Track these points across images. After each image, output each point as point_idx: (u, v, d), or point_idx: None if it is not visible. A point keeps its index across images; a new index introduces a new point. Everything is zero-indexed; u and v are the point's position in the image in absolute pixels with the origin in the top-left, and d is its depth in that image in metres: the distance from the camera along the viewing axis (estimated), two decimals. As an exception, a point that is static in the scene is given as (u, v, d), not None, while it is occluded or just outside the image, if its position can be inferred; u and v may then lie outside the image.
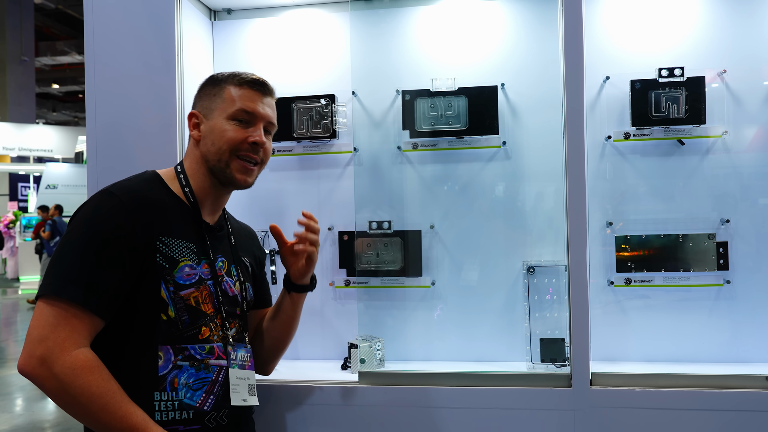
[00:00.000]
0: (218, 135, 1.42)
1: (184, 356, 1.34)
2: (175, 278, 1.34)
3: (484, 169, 2.04)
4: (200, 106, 1.47)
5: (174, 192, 1.43)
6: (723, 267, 1.91)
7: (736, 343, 1.92)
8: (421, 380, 1.77)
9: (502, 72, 2.02)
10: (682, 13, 1.97)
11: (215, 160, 1.42)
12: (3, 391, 5.12)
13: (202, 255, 1.41)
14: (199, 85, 1.51)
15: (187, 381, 1.33)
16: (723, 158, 1.93)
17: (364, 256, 2.05)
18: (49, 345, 1.20)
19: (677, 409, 1.65)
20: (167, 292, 1.33)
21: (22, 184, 17.39)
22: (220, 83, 1.46)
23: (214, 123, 1.43)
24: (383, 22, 2.09)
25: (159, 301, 1.32)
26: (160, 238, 1.33)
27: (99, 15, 1.91)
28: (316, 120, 2.08)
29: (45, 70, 22.30)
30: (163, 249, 1.34)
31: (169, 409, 1.31)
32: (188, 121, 1.47)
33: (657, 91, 1.91)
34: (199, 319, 1.37)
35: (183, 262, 1.36)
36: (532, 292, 1.94)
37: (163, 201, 1.39)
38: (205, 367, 1.37)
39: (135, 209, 1.31)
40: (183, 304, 1.35)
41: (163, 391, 1.31)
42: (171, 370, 1.32)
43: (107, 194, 1.33)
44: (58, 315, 1.22)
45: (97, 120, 1.91)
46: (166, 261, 1.33)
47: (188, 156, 1.48)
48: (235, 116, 1.43)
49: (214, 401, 1.37)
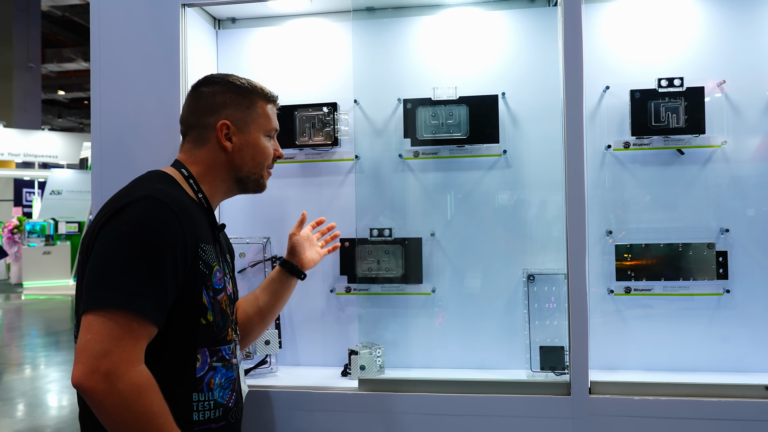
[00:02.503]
0: (260, 151, 1.50)
1: (218, 357, 1.37)
2: (213, 283, 1.36)
3: (485, 177, 2.05)
4: (230, 116, 1.45)
5: (191, 195, 1.42)
6: (722, 276, 1.91)
7: (735, 353, 1.92)
8: (421, 387, 1.78)
9: (502, 81, 2.04)
10: (682, 23, 1.98)
11: (251, 173, 1.50)
12: (4, 396, 5.12)
13: (220, 257, 1.44)
14: (212, 90, 1.47)
15: (220, 381, 1.37)
16: (722, 168, 1.94)
17: (365, 263, 2.06)
18: (114, 360, 1.14)
19: (676, 418, 1.65)
20: (208, 297, 1.34)
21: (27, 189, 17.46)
22: (249, 95, 1.48)
23: (252, 138, 1.48)
24: (385, 31, 2.11)
25: (200, 306, 1.33)
26: (200, 246, 1.33)
27: (105, 23, 1.94)
28: (319, 128, 2.10)
29: (51, 76, 22.46)
30: (203, 255, 1.34)
31: (206, 408, 1.34)
32: (218, 130, 1.44)
33: (656, 101, 1.92)
34: (227, 321, 1.41)
35: (215, 267, 1.38)
36: (532, 300, 1.95)
37: (193, 207, 1.38)
38: (230, 366, 1.41)
39: (183, 218, 1.28)
40: (219, 308, 1.38)
41: (200, 392, 1.33)
42: (207, 371, 1.35)
43: (154, 200, 1.27)
44: (122, 329, 1.17)
45: (102, 127, 1.93)
46: (205, 267, 1.34)
47: (200, 161, 1.45)
48: (269, 134, 1.53)
49: (236, 397, 1.42)
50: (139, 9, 1.92)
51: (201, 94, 1.48)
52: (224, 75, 1.51)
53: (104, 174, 1.91)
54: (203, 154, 1.46)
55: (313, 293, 2.15)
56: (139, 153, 1.90)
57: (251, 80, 1.52)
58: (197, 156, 1.46)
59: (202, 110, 1.46)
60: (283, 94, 2.16)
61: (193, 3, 1.94)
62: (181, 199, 1.33)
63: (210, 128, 1.45)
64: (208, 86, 1.48)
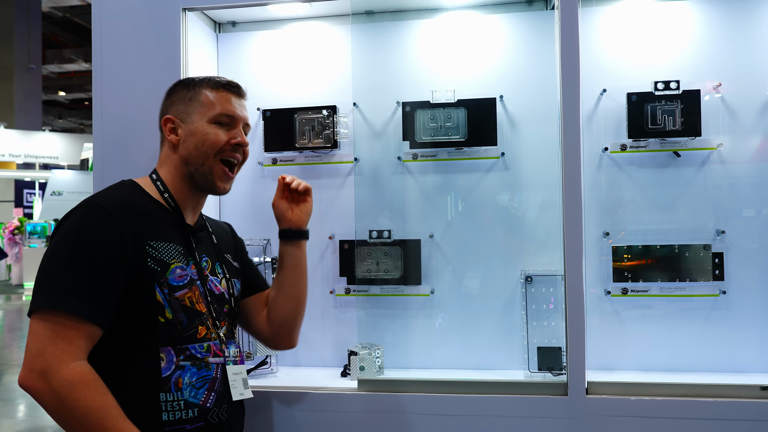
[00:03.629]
0: (201, 138, 1.45)
1: (185, 356, 1.37)
2: (168, 280, 1.37)
3: (483, 179, 2.07)
4: (174, 110, 1.48)
5: (155, 198, 1.46)
6: (718, 277, 1.93)
7: (731, 353, 1.93)
8: (420, 387, 1.79)
9: (500, 84, 2.05)
10: (678, 27, 2.00)
11: (198, 164, 1.45)
12: (6, 397, 5.14)
13: (189, 256, 1.44)
14: (168, 91, 1.52)
15: (190, 380, 1.37)
16: (718, 170, 1.96)
17: (364, 265, 2.08)
18: (48, 358, 1.20)
19: (673, 418, 1.67)
20: (162, 294, 1.35)
21: (28, 190, 17.47)
22: (194, 87, 1.49)
23: (195, 127, 1.45)
24: (384, 34, 2.13)
25: (155, 304, 1.35)
26: (148, 243, 1.36)
27: (106, 26, 1.96)
28: (318, 130, 2.12)
29: (52, 77, 22.47)
30: (153, 253, 1.36)
31: (175, 409, 1.34)
32: (163, 126, 1.48)
33: (653, 104, 1.94)
34: (196, 319, 1.41)
35: (174, 264, 1.39)
36: (530, 301, 1.97)
37: (145, 206, 1.41)
38: (206, 365, 1.40)
39: (121, 217, 1.33)
40: (179, 305, 1.38)
41: (168, 392, 1.34)
42: (174, 370, 1.35)
43: (91, 204, 1.34)
44: (55, 328, 1.22)
45: (103, 129, 1.95)
46: (157, 264, 1.36)
47: (164, 162, 1.49)
48: (216, 119, 1.46)
49: (216, 398, 1.41)
50: (140, 12, 1.94)
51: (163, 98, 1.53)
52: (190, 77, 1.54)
53: (105, 175, 1.93)
54: (162, 154, 1.51)
55: (312, 294, 2.15)
56: (139, 155, 1.92)
57: (213, 75, 1.53)
58: (160, 157, 1.52)
59: (160, 112, 1.52)
60: (282, 97, 2.19)
61: (193, 7, 1.96)
62: (123, 201, 1.37)
63: (161, 128, 1.50)
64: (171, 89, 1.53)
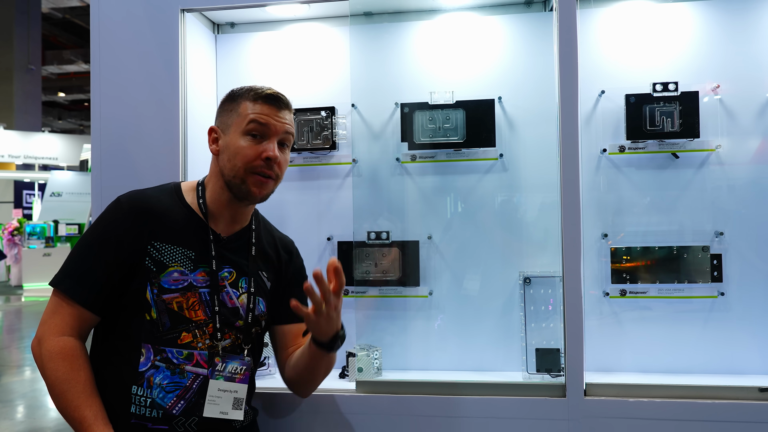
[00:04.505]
0: (233, 151, 1.44)
1: (162, 357, 1.39)
2: (161, 282, 1.40)
3: (482, 180, 2.07)
4: (219, 121, 1.51)
5: (187, 202, 1.49)
6: (717, 279, 1.93)
7: (729, 355, 1.93)
8: (418, 389, 1.79)
9: (499, 86, 2.06)
10: (677, 28, 2.00)
11: (231, 176, 1.45)
12: (5, 398, 5.13)
13: (201, 263, 1.44)
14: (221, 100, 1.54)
15: (161, 382, 1.38)
16: (717, 171, 1.96)
17: (363, 266, 2.08)
18: (45, 329, 1.37)
19: (671, 419, 1.67)
20: (151, 294, 1.39)
21: (27, 191, 17.45)
22: (237, 98, 1.48)
23: (230, 139, 1.45)
24: (383, 36, 2.13)
25: (143, 302, 1.39)
26: (152, 243, 1.41)
27: (105, 27, 1.96)
28: (317, 131, 2.11)
29: (51, 78, 22.47)
30: (154, 253, 1.41)
31: (142, 404, 1.37)
32: (208, 135, 1.51)
33: (651, 106, 1.94)
34: (180, 324, 1.40)
35: (172, 268, 1.41)
36: (528, 302, 1.96)
37: (166, 208, 1.45)
38: (180, 372, 1.39)
39: (132, 214, 1.41)
40: (165, 307, 1.39)
41: (140, 387, 1.37)
42: (149, 368, 1.38)
43: (115, 201, 1.46)
44: (55, 303, 1.38)
45: (102, 130, 1.95)
46: (154, 265, 1.40)
47: (210, 169, 1.54)
48: (248, 131, 1.43)
49: (184, 407, 1.38)
50: (139, 13, 1.94)
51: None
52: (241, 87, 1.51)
53: (104, 176, 1.93)
54: (211, 162, 1.54)
55: (311, 296, 2.16)
56: (138, 156, 1.92)
57: (256, 86, 1.48)
58: (210, 164, 1.55)
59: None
60: (281, 98, 2.19)
61: (192, 8, 1.96)
62: (143, 200, 1.44)
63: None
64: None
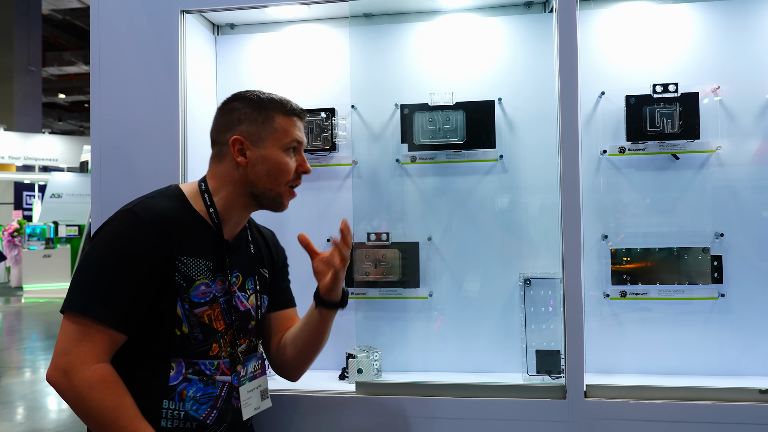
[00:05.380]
0: (275, 166, 1.44)
1: (194, 370, 1.39)
2: (191, 296, 1.38)
3: (482, 182, 2.07)
4: (244, 131, 1.45)
5: (196, 210, 1.44)
6: (717, 280, 1.92)
7: (730, 356, 1.93)
8: (418, 391, 1.79)
9: (499, 87, 2.05)
10: (677, 29, 2.00)
11: (267, 189, 1.45)
12: (4, 400, 5.13)
13: (218, 273, 1.44)
14: (229, 106, 1.49)
15: (194, 394, 1.38)
16: (717, 172, 1.96)
17: (363, 268, 2.08)
18: (71, 358, 1.28)
19: (671, 421, 1.66)
20: (182, 309, 1.37)
21: (27, 193, 17.45)
22: (266, 110, 1.45)
23: (267, 153, 1.44)
24: (382, 37, 2.13)
25: (174, 318, 1.37)
26: (179, 258, 1.37)
27: (105, 28, 1.96)
28: (317, 133, 2.11)
29: (52, 79, 22.48)
30: (182, 268, 1.37)
31: (174, 417, 1.36)
32: (231, 146, 1.44)
33: (651, 107, 1.94)
34: (211, 336, 1.42)
35: (199, 281, 1.40)
36: (529, 303, 1.96)
37: (183, 220, 1.40)
38: (212, 382, 1.41)
39: (157, 231, 1.34)
40: (197, 321, 1.39)
41: (172, 401, 1.36)
42: (181, 381, 1.37)
43: (129, 214, 1.35)
44: (81, 330, 1.29)
45: (101, 131, 1.95)
46: (183, 280, 1.37)
47: (217, 176, 1.47)
48: (289, 146, 1.46)
49: (217, 416, 1.41)
50: (139, 14, 1.94)
51: (224, 110, 1.50)
52: (250, 91, 1.50)
53: (104, 178, 1.93)
54: (221, 169, 1.48)
55: (310, 297, 2.15)
56: (138, 157, 1.92)
57: (275, 95, 1.49)
58: (216, 171, 1.49)
59: (222, 126, 1.48)
60: (281, 99, 2.18)
61: (192, 9, 1.96)
62: (165, 214, 1.37)
63: (226, 144, 1.46)
64: (232, 102, 1.50)
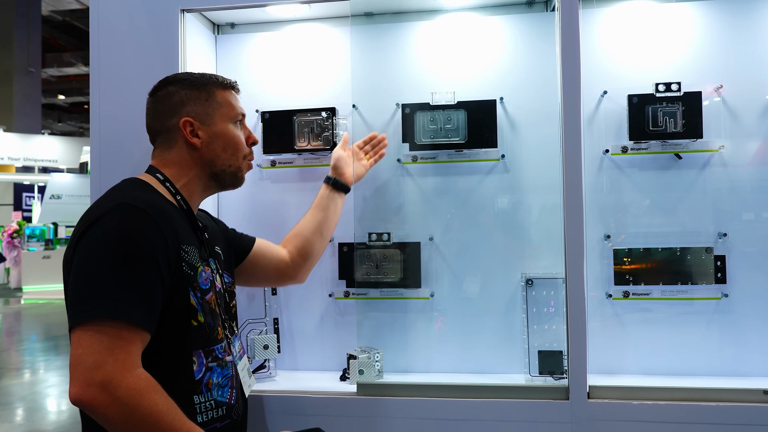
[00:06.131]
0: (231, 140, 1.48)
1: (213, 357, 1.38)
2: (200, 284, 1.37)
3: (483, 181, 2.06)
4: (191, 112, 1.45)
5: (168, 199, 1.42)
6: (721, 280, 1.91)
7: (734, 357, 1.92)
8: (420, 392, 1.78)
9: (500, 86, 2.04)
10: (679, 28, 1.99)
11: (227, 165, 1.48)
12: (4, 401, 5.11)
13: (204, 257, 1.44)
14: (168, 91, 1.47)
15: (217, 380, 1.38)
16: (720, 172, 1.95)
17: (364, 268, 2.07)
18: (108, 370, 1.13)
19: (675, 422, 1.65)
20: (196, 298, 1.35)
21: (27, 194, 17.45)
22: (205, 87, 1.48)
23: (219, 128, 1.47)
24: (383, 36, 2.12)
25: (189, 308, 1.33)
26: (182, 247, 1.34)
27: (105, 28, 1.95)
28: (317, 132, 2.10)
29: (51, 81, 22.47)
30: (186, 257, 1.35)
31: (208, 409, 1.35)
32: (182, 128, 1.44)
33: (654, 106, 1.93)
34: (216, 320, 1.42)
35: (200, 268, 1.39)
36: (531, 304, 1.95)
37: (171, 209, 1.39)
38: (225, 364, 1.42)
39: (161, 221, 1.29)
40: (209, 308, 1.38)
41: (200, 394, 1.34)
42: (204, 372, 1.36)
43: (130, 207, 1.27)
44: (112, 337, 1.15)
45: (101, 131, 1.94)
46: (189, 269, 1.35)
47: (171, 163, 1.46)
48: (237, 119, 1.51)
49: (236, 394, 1.44)
50: (139, 14, 1.93)
51: (159, 98, 1.48)
52: (178, 74, 1.53)
53: (103, 178, 1.92)
54: (173, 156, 1.46)
55: (311, 298, 2.15)
56: (137, 157, 1.91)
57: (205, 72, 1.53)
58: (168, 159, 1.46)
59: (162, 113, 1.46)
60: (281, 98, 2.18)
61: (192, 8, 1.95)
62: (157, 203, 1.33)
63: (174, 129, 1.45)
64: (164, 88, 1.48)
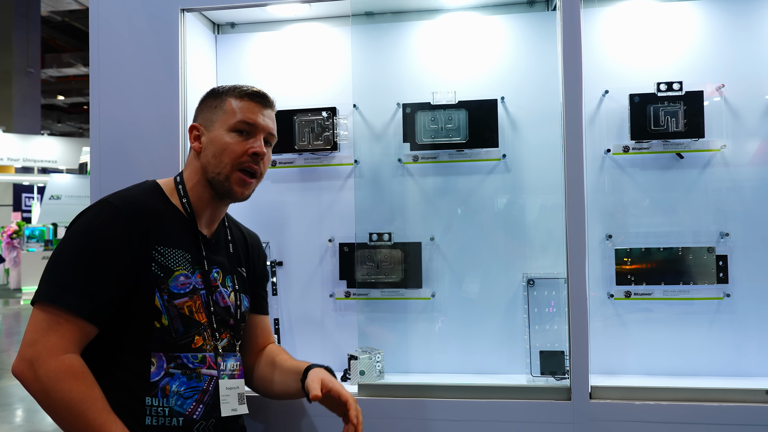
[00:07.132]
0: (219, 146, 1.44)
1: (176, 364, 1.36)
2: (170, 287, 1.37)
3: (484, 181, 2.05)
4: (201, 118, 1.51)
5: (172, 202, 1.46)
6: (723, 280, 1.91)
7: (736, 357, 1.91)
8: (421, 392, 1.77)
9: (502, 86, 2.04)
10: (681, 27, 1.99)
11: (215, 172, 1.45)
12: (3, 402, 5.11)
13: (197, 265, 1.43)
14: (200, 99, 1.55)
15: (178, 389, 1.35)
16: (722, 172, 1.94)
17: (365, 268, 2.06)
18: (38, 349, 1.24)
19: (677, 422, 1.65)
20: (161, 300, 1.35)
21: (26, 194, 17.45)
22: (221, 95, 1.49)
23: (214, 134, 1.46)
24: (384, 36, 2.11)
25: (153, 309, 1.35)
26: (156, 248, 1.36)
27: (104, 28, 1.94)
28: (318, 132, 2.10)
29: (50, 81, 22.46)
30: (159, 258, 1.36)
31: (159, 414, 1.33)
32: (189, 133, 1.51)
33: (656, 105, 1.92)
34: (193, 329, 1.39)
35: (178, 272, 1.38)
36: (532, 304, 1.95)
37: (160, 210, 1.41)
38: (197, 376, 1.39)
39: (131, 218, 1.34)
40: (177, 312, 1.37)
41: (155, 397, 1.33)
42: (163, 377, 1.35)
43: (105, 203, 1.36)
44: (50, 321, 1.26)
45: (101, 132, 1.93)
46: (161, 270, 1.36)
47: (188, 167, 1.51)
48: (236, 128, 1.46)
49: (204, 410, 1.39)
50: (139, 14, 1.92)
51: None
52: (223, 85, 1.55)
53: (103, 179, 1.91)
54: (187, 160, 1.53)
55: (312, 298, 2.14)
56: (138, 158, 1.90)
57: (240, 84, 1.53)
58: (186, 162, 1.54)
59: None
60: (282, 98, 2.15)
61: (192, 8, 1.94)
62: (137, 202, 1.38)
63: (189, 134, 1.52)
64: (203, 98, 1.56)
